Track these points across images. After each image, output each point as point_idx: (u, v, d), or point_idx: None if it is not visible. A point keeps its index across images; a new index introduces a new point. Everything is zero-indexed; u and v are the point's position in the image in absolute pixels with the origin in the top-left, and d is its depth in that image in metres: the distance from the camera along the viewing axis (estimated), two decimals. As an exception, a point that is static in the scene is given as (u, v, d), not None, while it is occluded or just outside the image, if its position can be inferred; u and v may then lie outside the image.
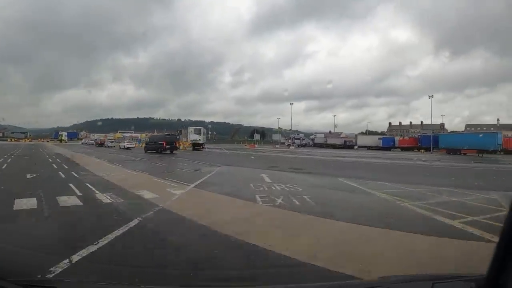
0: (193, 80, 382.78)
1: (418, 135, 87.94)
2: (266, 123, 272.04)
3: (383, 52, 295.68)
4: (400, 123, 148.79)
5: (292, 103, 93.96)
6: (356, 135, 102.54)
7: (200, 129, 58.02)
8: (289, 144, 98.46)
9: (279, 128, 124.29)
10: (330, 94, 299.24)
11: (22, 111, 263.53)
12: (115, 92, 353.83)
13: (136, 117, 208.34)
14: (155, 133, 50.96)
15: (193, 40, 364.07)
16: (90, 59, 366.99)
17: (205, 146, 64.72)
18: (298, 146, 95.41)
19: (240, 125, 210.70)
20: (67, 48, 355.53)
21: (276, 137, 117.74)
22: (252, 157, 37.19)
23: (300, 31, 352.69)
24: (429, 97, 74.47)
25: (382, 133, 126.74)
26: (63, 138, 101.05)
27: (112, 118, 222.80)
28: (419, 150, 71.67)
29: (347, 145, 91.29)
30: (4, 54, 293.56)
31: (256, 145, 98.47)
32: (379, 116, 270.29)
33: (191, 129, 57.84)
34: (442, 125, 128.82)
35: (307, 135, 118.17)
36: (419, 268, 4.73)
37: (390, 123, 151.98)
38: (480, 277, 1.83)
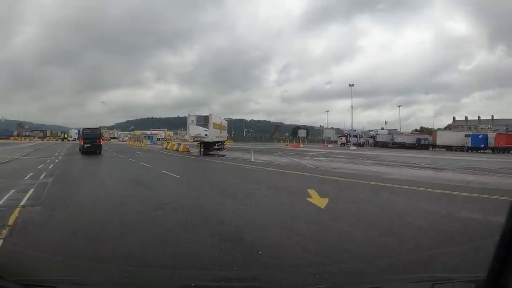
0: (238, 78, 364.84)
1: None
2: (309, 122, 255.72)
3: (435, 46, 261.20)
4: (466, 117, 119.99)
5: (353, 84, 67.18)
6: (436, 131, 76.83)
7: (207, 117, 32.68)
8: (343, 143, 74.73)
9: (320, 126, 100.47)
10: (377, 91, 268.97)
11: (68, 112, 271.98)
12: (159, 91, 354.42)
13: (176, 116, 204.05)
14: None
15: (240, 37, 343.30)
16: (134, 59, 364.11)
17: (223, 146, 41.41)
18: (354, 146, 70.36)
19: (281, 122, 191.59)
20: (112, 49, 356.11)
21: (329, 133, 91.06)
22: (318, 208, 8.33)
23: (351, 24, 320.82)
24: None
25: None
26: (65, 136, 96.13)
27: (152, 118, 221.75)
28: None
29: (421, 144, 70.59)
30: (51, 56, 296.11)
31: (301, 145, 73.23)
32: (426, 113, 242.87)
33: (191, 117, 32.73)
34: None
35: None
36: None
37: (454, 118, 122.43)
38: (480, 279, 1.80)
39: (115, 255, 5.12)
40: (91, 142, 31.53)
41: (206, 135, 31.72)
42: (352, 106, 71.44)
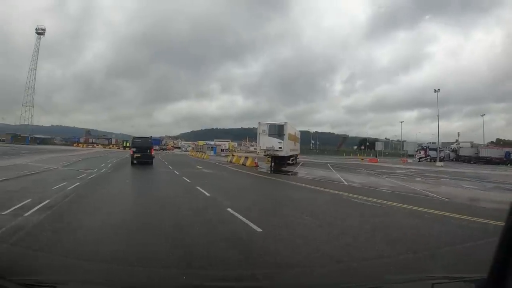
0: (302, 89, 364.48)
1: None
2: (374, 134, 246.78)
3: (507, 50, 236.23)
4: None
5: (439, 90, 59.99)
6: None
7: (281, 127, 26.17)
8: (422, 158, 67.97)
9: (386, 138, 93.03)
10: (445, 100, 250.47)
11: (135, 122, 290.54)
12: (223, 103, 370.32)
13: (240, 127, 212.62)
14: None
15: (305, 47, 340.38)
16: (200, 71, 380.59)
17: (296, 161, 35.00)
18: (433, 160, 63.09)
19: (346, 135, 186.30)
20: (178, 61, 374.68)
21: (409, 146, 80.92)
22: None
23: (417, 31, 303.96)
24: None
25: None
26: (127, 145, 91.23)
27: (216, 128, 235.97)
28: None
29: (510, 158, 64.70)
30: (120, 70, 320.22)
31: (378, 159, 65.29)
32: (498, 124, 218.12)
33: (262, 126, 26.49)
34: None
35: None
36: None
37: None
38: (480, 278, 1.76)
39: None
40: (142, 152, 28.06)
41: (280, 148, 25.56)
42: (438, 115, 60.29)
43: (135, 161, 27.20)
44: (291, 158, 30.44)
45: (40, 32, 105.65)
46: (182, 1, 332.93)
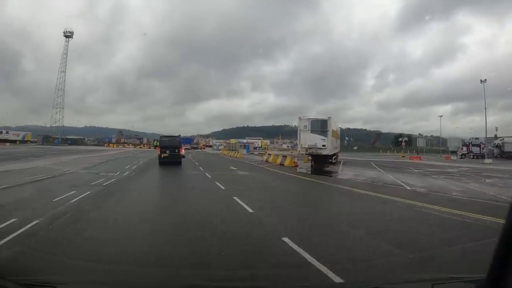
0: (333, 85, 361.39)
1: None
2: (406, 129, 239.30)
3: None
4: None
5: (485, 80, 55.04)
6: None
7: (325, 122, 23.71)
8: (464, 154, 62.77)
9: (419, 134, 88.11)
10: (479, 93, 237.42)
11: (167, 121, 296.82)
12: (254, 101, 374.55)
13: (271, 124, 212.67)
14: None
15: (335, 43, 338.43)
16: (231, 69, 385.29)
17: (337, 159, 31.75)
18: (475, 157, 59.18)
19: (379, 131, 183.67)
20: (209, 60, 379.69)
21: (454, 142, 75.31)
22: None
23: (451, 21, 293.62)
24: None
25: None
26: (156, 144, 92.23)
27: (248, 126, 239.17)
28: None
29: None
30: (151, 70, 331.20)
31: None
32: None
33: (303, 122, 24.09)
34: None
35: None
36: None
37: None
38: (480, 279, 1.75)
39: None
40: (170, 151, 26.87)
41: (324, 146, 22.69)
42: (485, 108, 54.99)
43: (162, 161, 26.17)
44: (333, 157, 27.53)
45: (68, 35, 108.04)
46: (211, 0, 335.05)
